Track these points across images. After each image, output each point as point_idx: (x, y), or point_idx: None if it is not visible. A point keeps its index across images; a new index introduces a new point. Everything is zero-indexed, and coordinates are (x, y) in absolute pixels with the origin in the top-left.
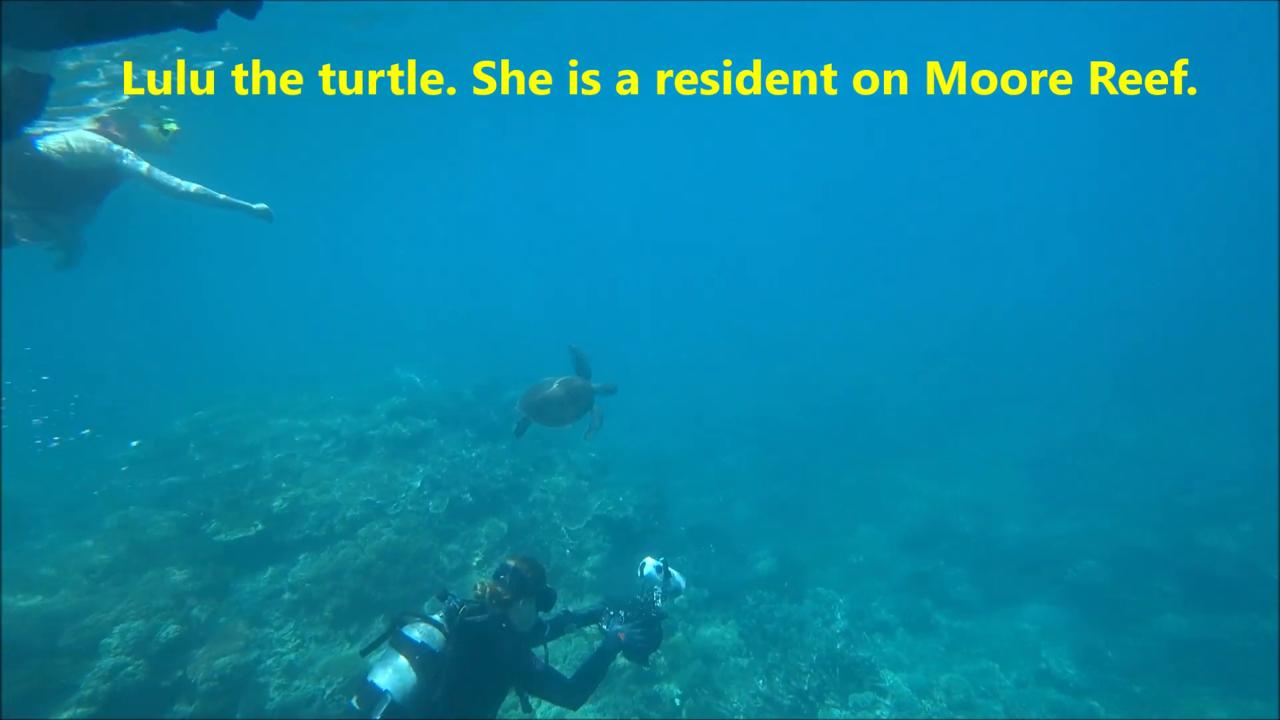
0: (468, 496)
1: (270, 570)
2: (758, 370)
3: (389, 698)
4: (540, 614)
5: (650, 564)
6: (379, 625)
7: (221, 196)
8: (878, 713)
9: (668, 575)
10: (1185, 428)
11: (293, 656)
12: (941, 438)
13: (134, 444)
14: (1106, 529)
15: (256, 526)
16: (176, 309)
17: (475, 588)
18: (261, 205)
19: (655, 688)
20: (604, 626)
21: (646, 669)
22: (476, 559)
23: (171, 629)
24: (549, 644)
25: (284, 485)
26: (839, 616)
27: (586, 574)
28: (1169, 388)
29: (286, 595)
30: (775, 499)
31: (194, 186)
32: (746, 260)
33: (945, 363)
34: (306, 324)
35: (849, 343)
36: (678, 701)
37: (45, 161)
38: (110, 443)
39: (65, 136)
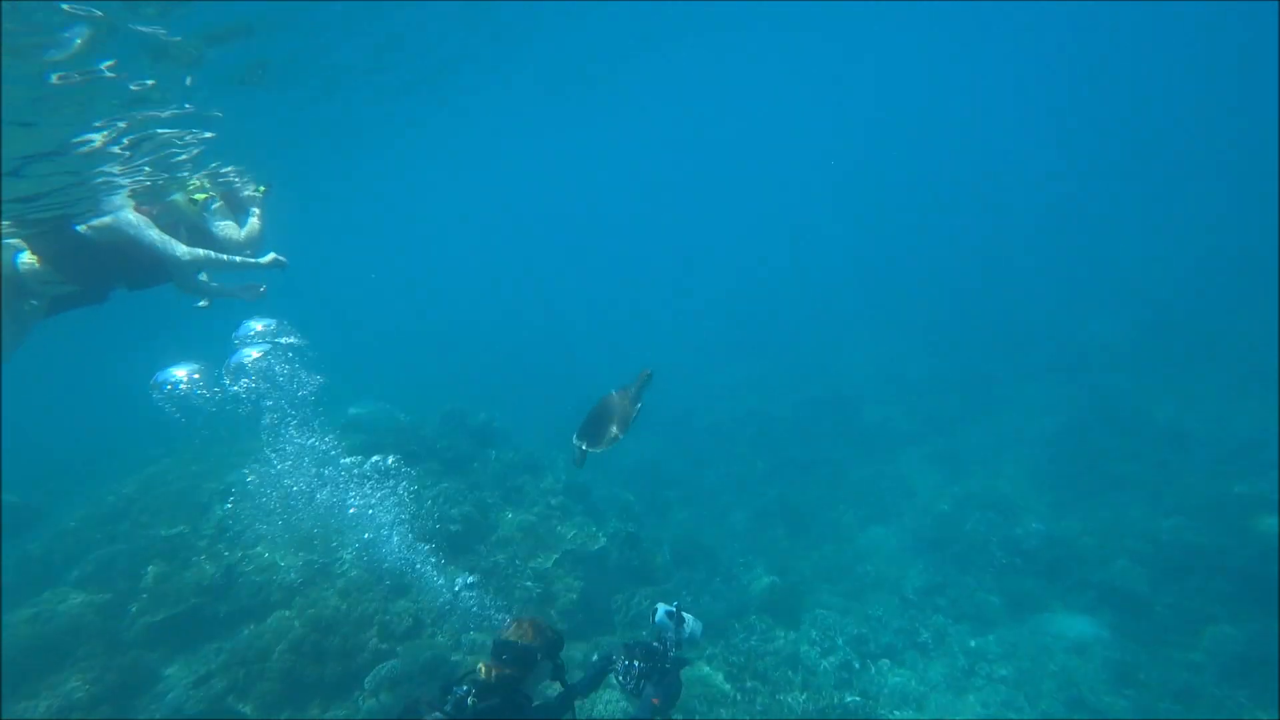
0: (422, 544)
1: (200, 652)
2: (754, 367)
3: None
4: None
5: (661, 609)
6: (314, 711)
7: (238, 259)
8: None
9: (680, 621)
10: (1225, 397)
11: None
12: (951, 423)
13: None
14: (1141, 520)
15: (187, 602)
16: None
17: (480, 670)
18: (270, 255)
19: None
20: (620, 678)
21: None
22: (430, 616)
23: None
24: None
25: (222, 549)
26: (840, 643)
27: (555, 617)
28: (1203, 352)
29: (214, 682)
30: (775, 504)
31: (200, 252)
32: (738, 257)
33: (951, 340)
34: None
35: (847, 333)
36: None
37: (82, 240)
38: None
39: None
